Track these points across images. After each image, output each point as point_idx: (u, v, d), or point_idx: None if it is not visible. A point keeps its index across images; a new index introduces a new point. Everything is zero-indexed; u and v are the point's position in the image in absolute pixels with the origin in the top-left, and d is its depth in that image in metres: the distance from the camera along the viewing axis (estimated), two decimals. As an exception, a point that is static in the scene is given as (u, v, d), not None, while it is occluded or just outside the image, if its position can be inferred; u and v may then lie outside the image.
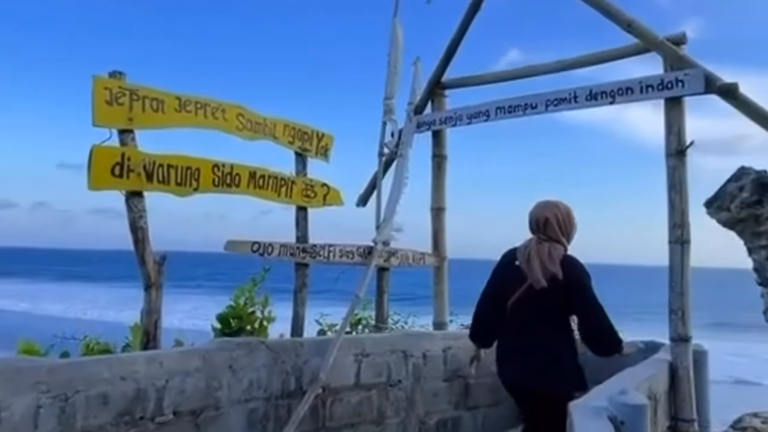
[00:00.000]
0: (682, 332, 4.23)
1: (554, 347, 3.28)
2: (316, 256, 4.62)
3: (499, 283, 3.46)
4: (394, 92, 5.11)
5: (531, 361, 3.27)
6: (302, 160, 4.71)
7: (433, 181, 5.65)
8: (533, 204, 3.49)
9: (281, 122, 4.57)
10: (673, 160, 4.32)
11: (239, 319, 4.50)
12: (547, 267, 3.21)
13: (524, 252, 3.34)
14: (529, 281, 3.27)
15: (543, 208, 3.40)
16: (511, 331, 3.39)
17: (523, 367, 3.31)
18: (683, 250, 4.26)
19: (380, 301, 5.20)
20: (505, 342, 3.45)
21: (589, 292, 3.28)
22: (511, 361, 3.38)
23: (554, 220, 3.34)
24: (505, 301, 3.37)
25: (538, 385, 3.27)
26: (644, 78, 4.40)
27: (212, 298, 42.11)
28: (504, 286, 3.42)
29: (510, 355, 3.40)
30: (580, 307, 3.30)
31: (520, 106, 4.93)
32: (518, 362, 3.33)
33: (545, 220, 3.34)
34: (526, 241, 3.42)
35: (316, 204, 4.74)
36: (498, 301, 3.42)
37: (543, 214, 3.36)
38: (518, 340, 3.34)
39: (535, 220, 3.39)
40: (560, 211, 3.39)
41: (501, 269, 3.52)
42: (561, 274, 3.21)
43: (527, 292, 3.27)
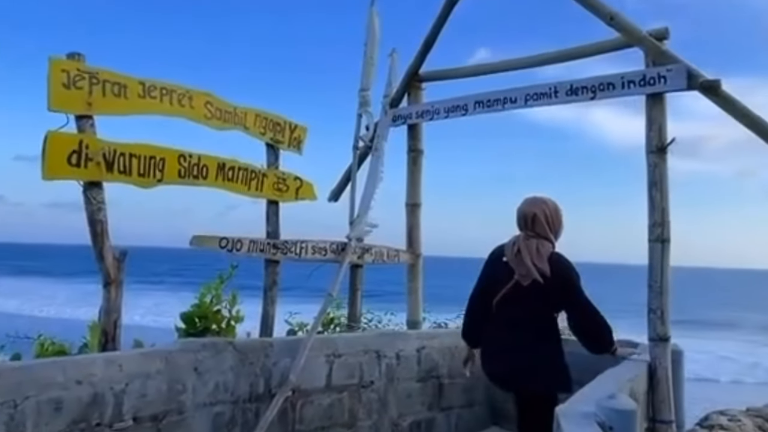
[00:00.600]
0: (661, 332, 4.16)
1: (540, 345, 3.24)
2: (287, 252, 4.43)
3: (489, 281, 3.39)
4: (370, 84, 4.94)
5: (516, 359, 3.23)
6: (274, 152, 4.50)
7: (409, 176, 5.50)
8: (521, 200, 3.43)
9: (252, 112, 4.36)
10: (653, 157, 4.24)
11: (205, 319, 4.27)
12: (535, 263, 3.16)
13: (512, 248, 3.27)
14: (515, 278, 3.21)
15: (531, 204, 3.33)
16: (497, 327, 3.33)
17: (508, 365, 3.27)
18: (663, 248, 4.19)
19: (353, 299, 5.03)
20: (491, 339, 3.38)
21: (578, 290, 3.23)
22: (497, 359, 3.34)
23: (542, 216, 3.28)
24: (491, 297, 3.31)
25: (524, 383, 3.26)
26: (626, 73, 4.31)
27: (175, 294, 41.56)
28: (491, 282, 3.35)
29: (496, 352, 3.35)
30: (570, 305, 3.26)
31: (498, 100, 4.80)
32: (504, 360, 3.29)
33: (533, 216, 3.28)
34: (514, 238, 3.35)
35: (288, 198, 4.54)
36: (487, 298, 3.36)
37: (531, 210, 3.30)
38: (504, 337, 3.29)
39: (523, 216, 3.32)
40: (548, 207, 3.34)
41: (489, 266, 3.45)
42: (549, 271, 3.16)
43: (514, 288, 3.22)
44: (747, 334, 30.77)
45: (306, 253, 4.55)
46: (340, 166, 5.47)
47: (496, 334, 3.34)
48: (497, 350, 3.35)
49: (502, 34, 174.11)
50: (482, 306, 3.40)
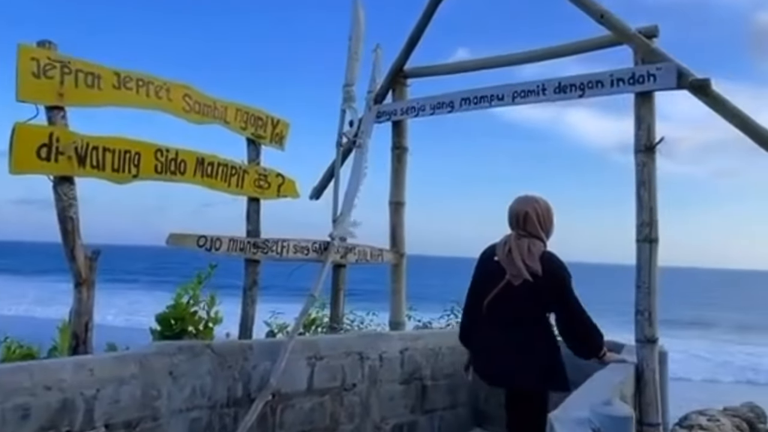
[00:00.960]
0: (648, 333, 4.11)
1: (532, 343, 3.21)
2: (268, 251, 4.29)
3: (480, 281, 3.36)
4: (355, 79, 4.81)
5: (508, 357, 3.21)
6: (255, 147, 4.35)
7: (393, 174, 5.39)
8: (516, 199, 3.39)
9: (233, 106, 4.21)
10: (642, 156, 4.19)
11: (181, 320, 4.12)
12: (527, 262, 3.13)
13: (503, 247, 3.24)
14: (507, 277, 3.18)
15: (523, 203, 3.31)
16: (489, 327, 3.29)
17: (501, 363, 3.24)
18: (651, 248, 4.14)
19: (336, 299, 4.90)
20: (483, 339, 3.35)
21: (569, 290, 3.21)
22: (489, 358, 3.31)
23: (534, 215, 3.26)
24: (483, 298, 3.28)
25: (516, 380, 3.24)
26: (615, 71, 4.25)
27: (150, 293, 41.01)
28: (482, 283, 3.33)
29: (488, 351, 3.32)
30: (560, 306, 3.24)
31: (486, 97, 4.71)
32: (496, 358, 3.26)
33: (525, 214, 3.26)
34: (505, 237, 3.31)
35: (269, 195, 4.40)
36: (478, 299, 3.34)
37: (523, 209, 3.27)
38: (496, 336, 3.26)
39: (515, 215, 3.29)
40: (540, 206, 3.31)
41: (480, 267, 3.42)
42: (540, 270, 3.13)
43: (505, 288, 3.19)
44: (720, 333, 31.30)
45: (287, 252, 4.41)
46: (323, 163, 5.35)
47: (488, 333, 3.30)
48: (489, 349, 3.31)
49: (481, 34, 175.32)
50: (476, 308, 3.36)
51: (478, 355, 3.45)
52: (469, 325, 3.50)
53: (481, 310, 3.31)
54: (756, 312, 42.00)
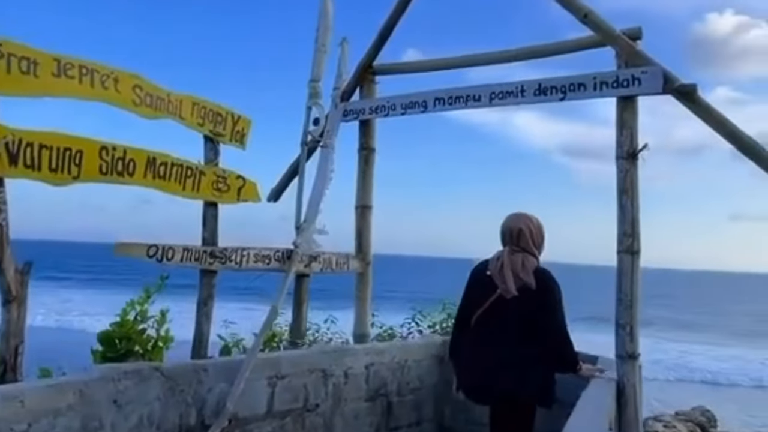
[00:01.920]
0: (629, 349, 3.95)
1: (522, 356, 3.15)
2: (226, 261, 3.90)
3: (472, 295, 3.32)
4: (322, 74, 4.46)
5: (498, 369, 3.15)
6: (213, 146, 3.95)
7: (359, 176, 5.07)
8: (508, 217, 3.39)
9: (189, 99, 3.79)
10: (624, 163, 4.02)
11: (127, 340, 3.67)
12: (520, 276, 3.14)
13: (496, 262, 3.23)
14: (499, 291, 3.16)
15: (516, 220, 3.32)
16: (479, 341, 3.24)
17: (489, 375, 3.18)
18: (633, 260, 3.98)
19: (298, 312, 4.55)
20: (471, 352, 3.28)
21: (559, 306, 3.21)
22: (477, 371, 3.23)
23: (527, 231, 3.27)
24: (473, 313, 3.25)
25: (508, 395, 3.17)
26: (598, 74, 4.07)
27: (82, 291, 38.85)
28: (473, 297, 3.30)
29: (476, 364, 3.24)
30: (547, 324, 3.19)
31: (461, 97, 4.45)
32: (485, 371, 3.19)
33: (518, 231, 3.26)
34: (498, 252, 3.29)
35: (228, 199, 4.01)
36: (468, 314, 3.30)
37: (516, 225, 3.28)
38: (485, 350, 3.20)
39: (509, 231, 3.29)
40: (532, 222, 3.33)
41: (471, 282, 3.38)
42: (534, 284, 3.13)
43: (497, 301, 3.17)
44: (655, 331, 32.30)
45: (247, 262, 4.03)
46: (286, 163, 4.97)
47: (477, 347, 3.24)
48: (477, 362, 3.23)
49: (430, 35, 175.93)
50: (467, 323, 3.31)
51: (465, 371, 3.34)
52: (456, 341, 3.42)
53: (470, 325, 3.27)
54: (687, 310, 43.77)
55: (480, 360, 3.21)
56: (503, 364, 3.13)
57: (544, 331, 3.18)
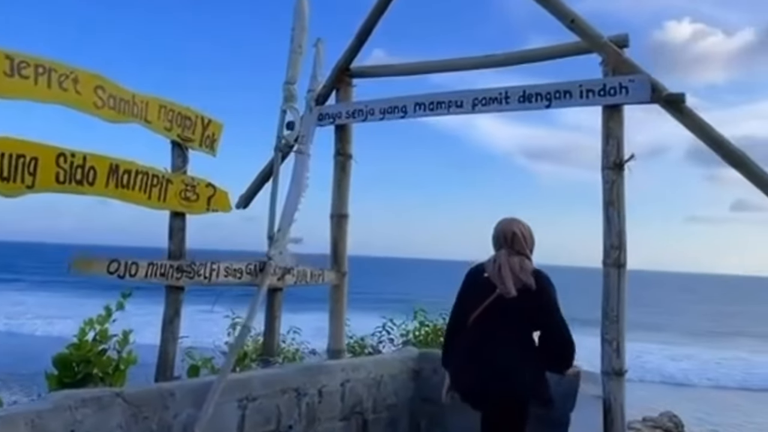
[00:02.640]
0: (616, 365, 3.84)
1: (521, 356, 3.17)
2: (194, 276, 3.64)
3: (469, 298, 3.30)
4: (297, 76, 4.24)
5: (497, 370, 3.13)
6: (182, 152, 3.67)
7: (335, 183, 4.85)
8: (502, 221, 3.41)
9: (156, 102, 3.52)
10: (610, 174, 3.91)
11: (86, 363, 3.36)
12: (520, 277, 3.16)
13: (494, 264, 3.24)
14: (497, 292, 3.16)
15: (509, 224, 3.36)
16: (477, 342, 3.21)
17: (488, 376, 3.14)
18: (620, 274, 3.87)
19: (271, 328, 4.30)
20: (468, 353, 3.23)
21: (557, 306, 3.25)
22: (475, 372, 3.19)
23: (520, 234, 3.31)
24: (470, 315, 3.24)
25: (506, 393, 3.15)
26: (585, 81, 3.95)
27: (34, 294, 37.55)
28: (470, 299, 3.28)
29: (474, 366, 3.20)
30: (548, 324, 3.23)
31: (443, 103, 4.28)
32: (484, 372, 3.15)
33: (513, 234, 3.30)
34: (494, 255, 3.30)
35: (197, 209, 3.74)
36: (465, 317, 3.27)
37: (510, 229, 3.32)
38: (484, 350, 3.18)
39: (503, 235, 3.32)
40: (524, 226, 3.38)
41: (468, 283, 3.37)
42: (534, 285, 3.16)
43: (496, 301, 3.17)
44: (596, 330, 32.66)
45: (217, 276, 3.78)
46: (256, 169, 4.72)
47: (477, 348, 3.20)
48: (478, 363, 3.19)
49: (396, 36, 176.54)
50: (463, 326, 3.29)
51: (464, 372, 3.28)
52: (450, 346, 3.39)
53: (464, 327, 3.26)
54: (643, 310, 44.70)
55: (481, 361, 3.17)
56: (506, 365, 3.12)
57: (548, 330, 3.22)
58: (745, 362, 22.30)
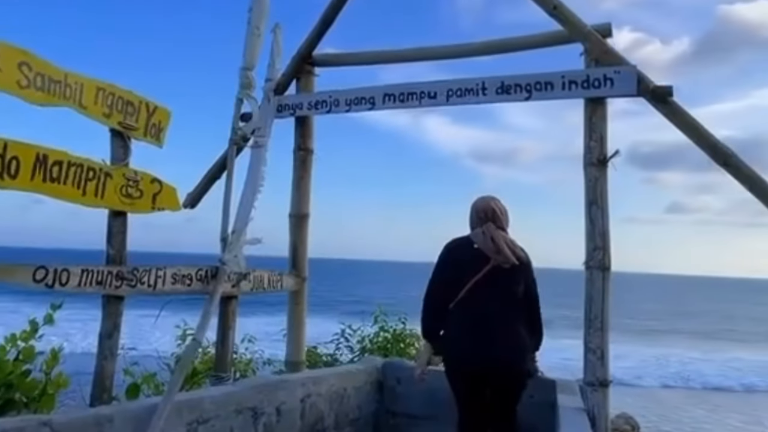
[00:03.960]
0: (600, 375, 3.61)
1: (518, 326, 3.23)
2: (136, 284, 3.18)
3: (458, 268, 3.25)
4: (256, 61, 3.82)
5: (501, 340, 3.13)
6: (123, 142, 3.20)
7: (295, 180, 4.45)
8: (479, 199, 3.43)
9: (92, 83, 3.04)
10: (593, 170, 3.68)
11: (6, 387, 2.86)
12: (513, 249, 3.20)
13: (485, 236, 3.22)
14: (491, 263, 3.16)
15: (488, 201, 3.38)
16: (473, 312, 3.18)
17: (488, 345, 3.13)
18: (604, 277, 3.64)
19: (224, 340, 3.86)
20: (469, 321, 3.18)
21: (536, 284, 3.40)
22: (472, 340, 3.15)
23: (498, 211, 3.34)
24: (457, 287, 3.21)
25: (512, 365, 3.17)
26: (567, 72, 3.71)
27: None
28: (457, 271, 3.24)
29: (474, 334, 3.15)
30: (534, 298, 3.37)
31: (415, 94, 3.96)
32: (485, 343, 3.13)
33: (493, 210, 3.32)
34: (481, 228, 3.26)
35: (141, 208, 3.28)
36: (450, 288, 3.24)
37: (490, 206, 3.34)
38: (483, 322, 3.15)
39: (484, 211, 3.33)
40: (500, 203, 3.40)
41: (454, 255, 3.30)
42: (525, 258, 3.27)
43: (492, 271, 3.17)
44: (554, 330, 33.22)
45: (164, 284, 3.33)
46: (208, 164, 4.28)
47: (476, 317, 3.16)
48: (477, 334, 3.14)
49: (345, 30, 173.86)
50: (446, 299, 3.26)
51: (460, 342, 3.20)
52: (441, 320, 3.30)
53: (453, 298, 3.21)
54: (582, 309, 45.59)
55: (484, 331, 3.14)
56: (512, 337, 3.15)
57: (533, 304, 3.34)
58: (683, 360, 22.84)
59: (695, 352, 24.84)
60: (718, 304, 55.55)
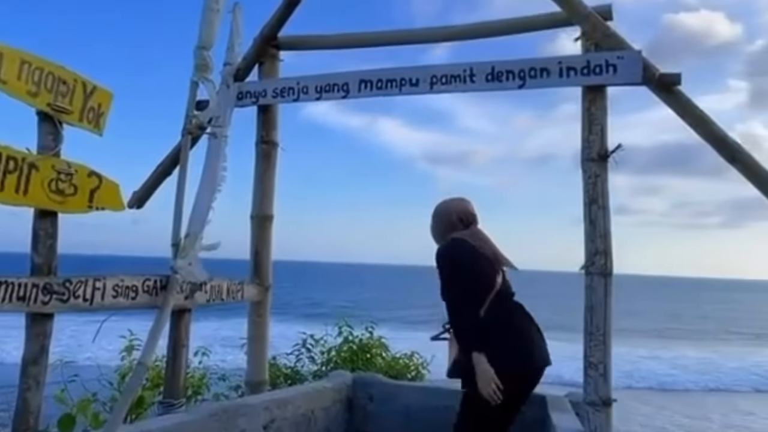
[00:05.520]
0: (603, 393, 3.25)
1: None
2: (69, 298, 2.65)
3: (481, 273, 2.94)
4: (213, 40, 3.32)
5: (539, 344, 2.97)
6: (53, 127, 2.64)
7: (257, 177, 3.96)
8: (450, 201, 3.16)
9: (15, 55, 2.48)
10: (593, 166, 3.33)
11: None
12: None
13: (485, 240, 3.02)
14: (496, 266, 2.98)
15: (465, 203, 3.14)
16: (513, 316, 2.98)
17: (543, 350, 2.97)
18: (607, 284, 3.29)
19: (175, 360, 3.33)
20: (515, 327, 2.95)
21: None
22: (534, 348, 2.94)
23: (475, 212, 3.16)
24: (489, 289, 2.93)
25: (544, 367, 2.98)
26: (565, 58, 3.36)
27: None
28: (486, 273, 2.95)
29: (529, 342, 2.94)
30: None
31: (395, 81, 3.54)
32: (539, 347, 2.96)
33: (474, 214, 3.13)
34: (472, 230, 3.04)
35: (75, 207, 2.73)
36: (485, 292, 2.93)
37: (469, 209, 3.12)
38: (525, 325, 2.98)
39: (465, 213, 3.09)
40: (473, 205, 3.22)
41: (474, 257, 2.95)
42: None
43: (503, 276, 3.03)
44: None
45: (103, 297, 2.80)
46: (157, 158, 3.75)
47: (517, 322, 2.94)
48: (529, 336, 2.95)
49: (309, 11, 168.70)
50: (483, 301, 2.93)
51: (520, 350, 2.91)
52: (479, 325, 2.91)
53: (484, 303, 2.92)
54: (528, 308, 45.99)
55: (529, 335, 2.96)
56: (543, 339, 3.01)
57: None
58: (632, 359, 23.02)
59: (642, 350, 25.10)
60: (663, 303, 56.98)
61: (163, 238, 3.36)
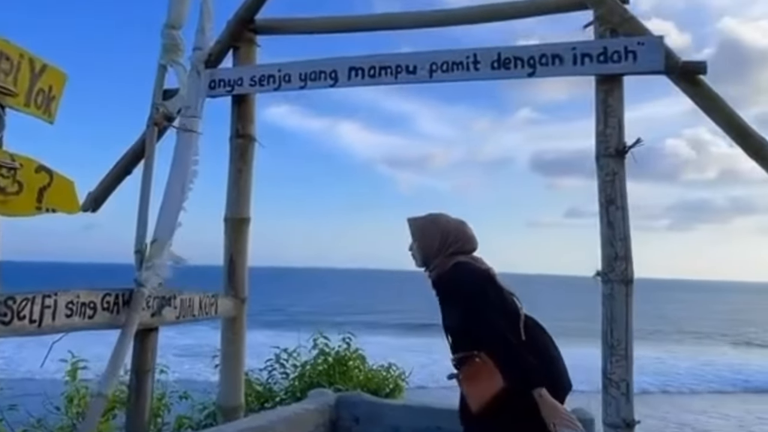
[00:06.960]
0: (625, 414, 2.95)
1: None
2: (13, 319, 2.18)
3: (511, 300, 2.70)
4: (184, 18, 2.89)
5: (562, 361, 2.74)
6: (-9, 111, 2.18)
7: (232, 175, 3.51)
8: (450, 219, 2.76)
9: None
10: (610, 163, 3.03)
11: None
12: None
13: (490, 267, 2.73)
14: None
15: (465, 225, 2.75)
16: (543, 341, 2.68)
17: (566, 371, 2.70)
18: (628, 292, 2.98)
19: (139, 390, 2.85)
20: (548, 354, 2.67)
21: None
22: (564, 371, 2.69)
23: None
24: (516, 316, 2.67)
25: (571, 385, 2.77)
26: (580, 44, 3.05)
27: None
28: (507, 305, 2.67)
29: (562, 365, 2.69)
30: None
31: (389, 68, 3.16)
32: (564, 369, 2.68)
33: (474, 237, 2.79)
34: (475, 256, 2.70)
35: (20, 208, 2.27)
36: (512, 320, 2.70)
37: (470, 232, 2.74)
38: (551, 346, 2.70)
39: (465, 235, 2.71)
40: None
41: (495, 288, 2.66)
42: None
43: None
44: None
45: (54, 317, 2.34)
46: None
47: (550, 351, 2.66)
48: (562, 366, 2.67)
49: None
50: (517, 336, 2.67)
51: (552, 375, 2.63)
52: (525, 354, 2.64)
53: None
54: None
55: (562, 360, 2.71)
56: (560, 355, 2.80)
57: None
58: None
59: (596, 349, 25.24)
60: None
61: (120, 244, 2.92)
